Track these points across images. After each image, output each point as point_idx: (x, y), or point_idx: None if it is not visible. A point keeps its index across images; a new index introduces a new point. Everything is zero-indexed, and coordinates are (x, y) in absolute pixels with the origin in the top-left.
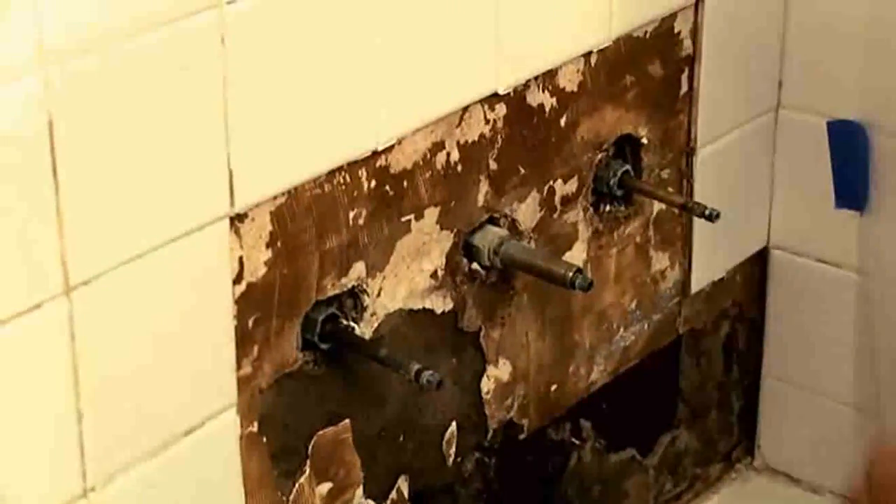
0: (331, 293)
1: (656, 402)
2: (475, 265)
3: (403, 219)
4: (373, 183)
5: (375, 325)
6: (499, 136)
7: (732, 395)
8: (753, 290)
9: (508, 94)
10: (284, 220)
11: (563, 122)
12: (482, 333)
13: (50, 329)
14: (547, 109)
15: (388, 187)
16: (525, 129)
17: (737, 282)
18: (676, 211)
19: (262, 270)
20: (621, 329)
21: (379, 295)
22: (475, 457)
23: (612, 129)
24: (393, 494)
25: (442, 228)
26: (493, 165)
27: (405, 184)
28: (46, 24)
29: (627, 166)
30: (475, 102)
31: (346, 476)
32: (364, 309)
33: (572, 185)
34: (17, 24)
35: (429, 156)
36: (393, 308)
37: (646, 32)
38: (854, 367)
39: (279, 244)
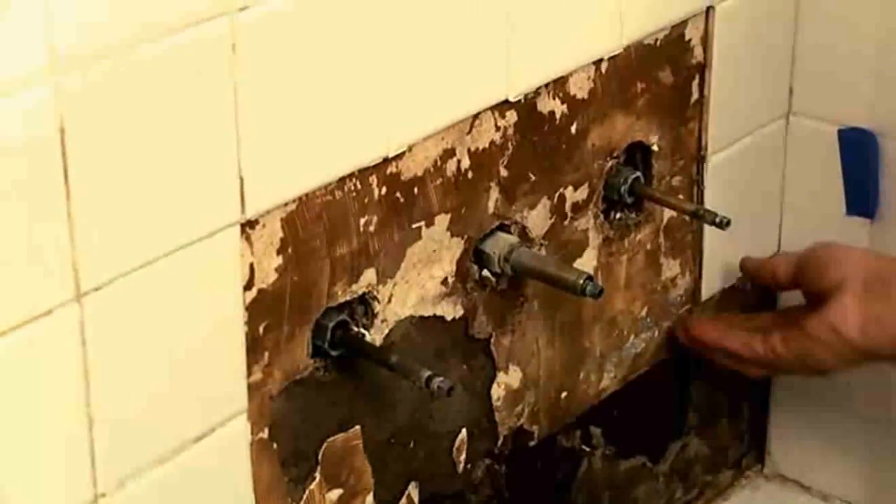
0: (341, 300)
1: (666, 409)
2: (485, 272)
3: (414, 226)
4: (383, 190)
5: (386, 331)
6: (509, 143)
7: (742, 403)
8: (764, 297)
9: (519, 101)
10: (295, 227)
11: (573, 129)
12: (492, 340)
13: (61, 335)
14: (557, 116)
15: (398, 194)
16: (535, 137)
17: (747, 289)
18: (687, 218)
19: (273, 277)
20: (632, 336)
21: (389, 301)
22: (485, 463)
23: (622, 137)
24: (403, 501)
25: (452, 235)
26: (503, 172)
27: (416, 191)
28: (58, 31)
29: (638, 173)
30: (486, 109)
31: (356, 482)
32: (374, 315)
33: (583, 192)
34: (29, 31)
35: (439, 163)
36: (403, 315)
37: (656, 40)
38: (864, 375)
39: (290, 251)
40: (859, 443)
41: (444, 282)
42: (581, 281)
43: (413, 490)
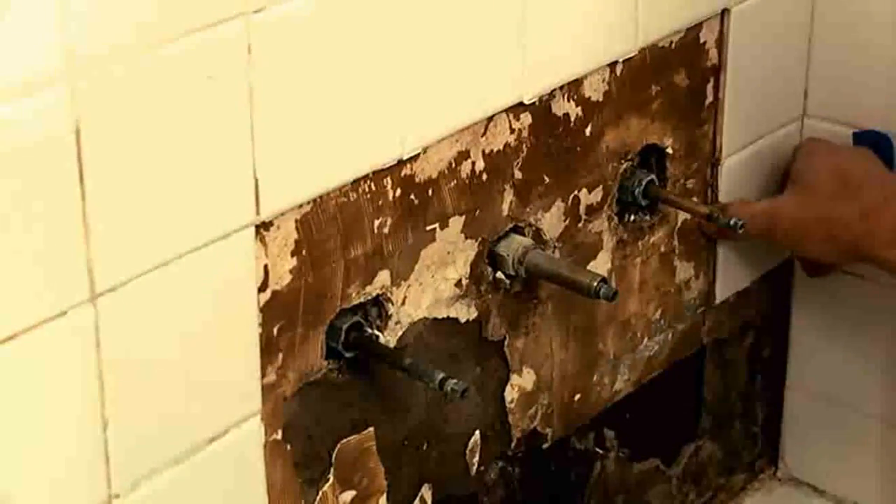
0: (355, 301)
1: (680, 411)
2: (500, 274)
3: (428, 228)
4: (398, 192)
5: (400, 333)
6: (524, 146)
7: (756, 406)
8: (778, 300)
9: (534, 103)
10: (310, 229)
11: (588, 131)
12: (506, 342)
13: (75, 336)
14: (572, 119)
15: (413, 196)
16: (550, 139)
17: (761, 292)
18: (701, 221)
19: (287, 279)
20: (645, 338)
21: (403, 303)
22: (498, 466)
23: (637, 139)
24: (416, 502)
25: (466, 237)
26: (518, 175)
27: (430, 193)
28: (74, 32)
29: (652, 176)
30: (500, 112)
31: (369, 484)
32: (388, 317)
33: (597, 195)
34: (45, 32)
35: (454, 165)
36: (417, 317)
37: (671, 42)
38: (878, 378)
39: (304, 252)
40: (873, 446)
41: (458, 284)
42: (595, 283)
43: (426, 492)
